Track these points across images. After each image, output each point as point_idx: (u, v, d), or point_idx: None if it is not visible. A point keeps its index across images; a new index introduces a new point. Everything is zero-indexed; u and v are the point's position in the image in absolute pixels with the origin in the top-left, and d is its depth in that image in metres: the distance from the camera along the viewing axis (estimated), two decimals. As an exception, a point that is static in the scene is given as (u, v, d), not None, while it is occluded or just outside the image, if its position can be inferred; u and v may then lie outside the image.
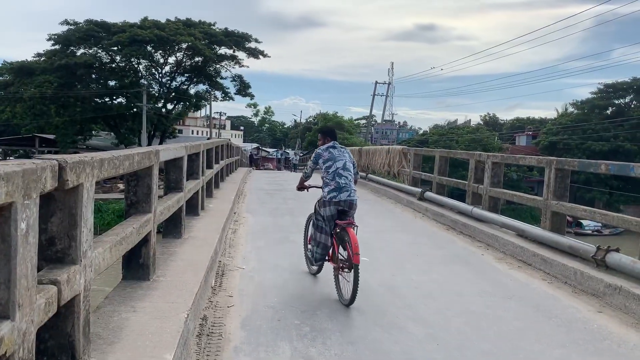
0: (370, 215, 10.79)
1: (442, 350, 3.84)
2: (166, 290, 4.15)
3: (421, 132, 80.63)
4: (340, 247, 5.14)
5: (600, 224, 36.93)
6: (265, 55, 43.72)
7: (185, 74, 43.10)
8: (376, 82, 68.34)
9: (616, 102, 54.21)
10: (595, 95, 55.17)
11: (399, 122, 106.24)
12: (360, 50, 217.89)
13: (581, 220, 36.63)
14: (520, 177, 47.37)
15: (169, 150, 5.62)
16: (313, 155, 5.63)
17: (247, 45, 42.65)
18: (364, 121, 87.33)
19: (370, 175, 18.12)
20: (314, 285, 5.42)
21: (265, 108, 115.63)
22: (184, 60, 41.66)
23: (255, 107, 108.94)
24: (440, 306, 4.89)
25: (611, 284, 5.14)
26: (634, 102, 53.24)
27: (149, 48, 39.02)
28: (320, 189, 5.52)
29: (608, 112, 53.32)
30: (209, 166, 10.23)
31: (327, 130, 5.75)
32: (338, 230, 5.24)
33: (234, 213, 10.09)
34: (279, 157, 68.32)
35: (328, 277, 5.71)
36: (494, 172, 9.09)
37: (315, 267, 5.68)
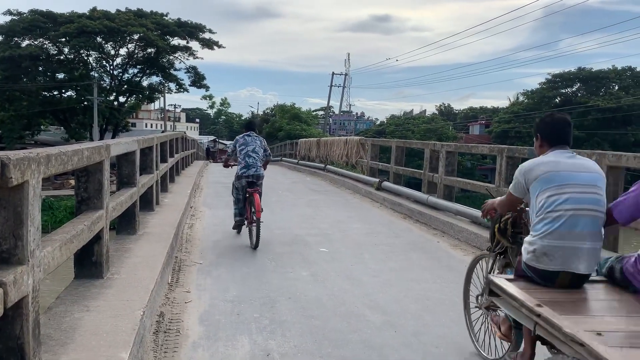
0: (329, 206, 10.87)
1: (399, 336, 3.90)
2: (121, 288, 4.06)
3: (378, 122, 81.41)
4: (250, 207, 6.95)
5: (550, 209, 38.24)
6: (220, 46, 43.10)
7: (138, 66, 42.00)
8: (333, 73, 68.35)
9: (564, 91, 56.16)
10: (544, 85, 57.01)
11: (357, 113, 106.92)
12: (316, 41, 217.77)
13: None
14: (474, 165, 48.58)
15: (121, 144, 5.48)
16: (234, 141, 7.60)
17: (201, 36, 41.91)
18: (321, 112, 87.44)
19: (328, 166, 18.20)
20: (274, 278, 5.41)
21: (222, 100, 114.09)
22: (136, 51, 40.59)
23: (211, 99, 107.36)
24: (398, 293, 4.97)
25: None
26: (580, 92, 55.28)
27: (98, 39, 37.81)
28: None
29: (557, 100, 55.19)
30: (164, 160, 10.05)
31: (246, 124, 7.90)
32: (248, 196, 7.09)
33: (191, 207, 9.95)
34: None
35: (287, 271, 5.72)
36: (448, 161, 9.28)
37: (235, 227, 7.49)
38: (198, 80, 44.49)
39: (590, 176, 2.89)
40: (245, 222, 7.17)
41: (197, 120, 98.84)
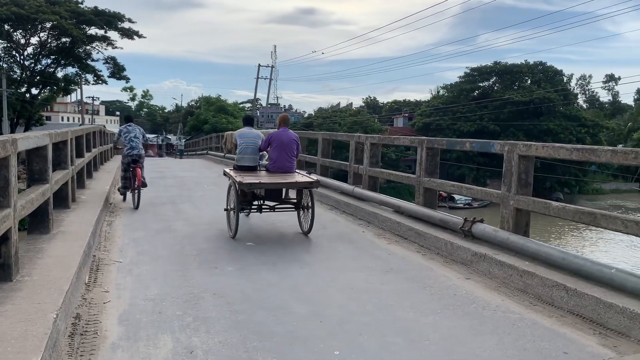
0: (256, 200, 10.77)
1: (325, 326, 3.94)
2: (32, 290, 3.83)
3: (306, 115, 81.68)
4: (134, 179, 9.38)
5: (470, 198, 40.13)
6: (140, 36, 41.55)
7: (52, 56, 39.69)
8: (259, 65, 67.79)
9: (481, 84, 58.78)
10: (463, 79, 59.39)
11: (285, 106, 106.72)
12: (242, 33, 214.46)
13: (454, 195, 39.51)
14: (398, 157, 49.91)
15: (30, 138, 5.14)
16: (118, 131, 10.09)
17: (120, 26, 40.20)
18: (248, 105, 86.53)
19: (255, 160, 18.02)
20: (198, 274, 5.30)
21: (143, 92, 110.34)
22: (49, 40, 38.34)
23: (131, 91, 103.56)
24: (324, 284, 5.02)
25: (477, 252, 5.60)
26: (496, 85, 58.08)
27: (6, 27, 35.32)
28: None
29: (475, 94, 57.68)
30: (80, 155, 9.57)
31: (126, 117, 10.75)
32: (131, 170, 9.43)
33: (110, 204, 9.55)
34: (160, 143, 65.60)
35: (212, 266, 5.63)
36: (372, 153, 9.45)
37: (122, 194, 9.94)
38: (118, 71, 42.71)
39: (254, 134, 8.08)
40: (130, 190, 9.60)
41: (118, 113, 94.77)
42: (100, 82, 43.25)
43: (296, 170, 7.82)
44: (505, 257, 5.30)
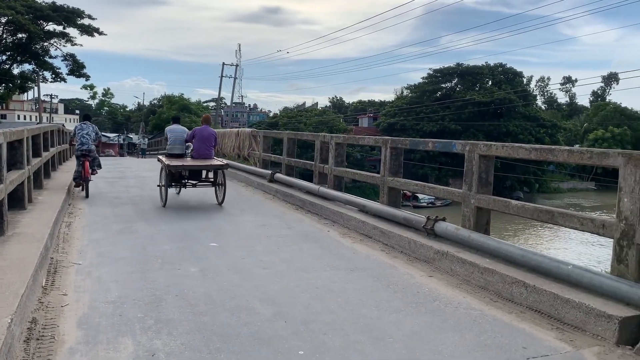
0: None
1: (289, 326, 3.93)
2: (-16, 295, 3.69)
3: (272, 114, 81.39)
4: (83, 171, 10.38)
5: (433, 197, 40.76)
6: (101, 33, 40.63)
7: (7, 52, 38.34)
8: (223, 64, 66.93)
9: (444, 85, 59.77)
10: (426, 80, 60.25)
11: (249, 105, 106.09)
12: (206, 31, 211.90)
13: (417, 194, 40.04)
14: (363, 156, 50.27)
15: (-18, 137, 4.95)
16: (74, 128, 11.28)
17: (79, 22, 39.26)
18: (212, 104, 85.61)
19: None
20: (160, 275, 5.21)
21: (104, 90, 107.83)
22: (4, 36, 37.02)
23: (92, 89, 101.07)
24: (289, 284, 5.00)
25: (439, 250, 5.68)
26: (458, 86, 59.15)
27: (-43, 21, 33.99)
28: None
29: (438, 94, 58.60)
30: (37, 154, 9.27)
31: (84, 115, 11.49)
32: (81, 163, 10.43)
33: (69, 204, 9.29)
34: (122, 142, 64.22)
35: (175, 268, 5.54)
36: (337, 152, 9.49)
37: (77, 184, 10.64)
38: (77, 68, 41.67)
39: (181, 129, 10.58)
40: (81, 180, 10.56)
41: (77, 111, 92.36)
42: (58, 79, 42.14)
43: (214, 157, 10.44)
44: (466, 254, 5.40)
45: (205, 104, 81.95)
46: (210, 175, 10.34)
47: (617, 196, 4.16)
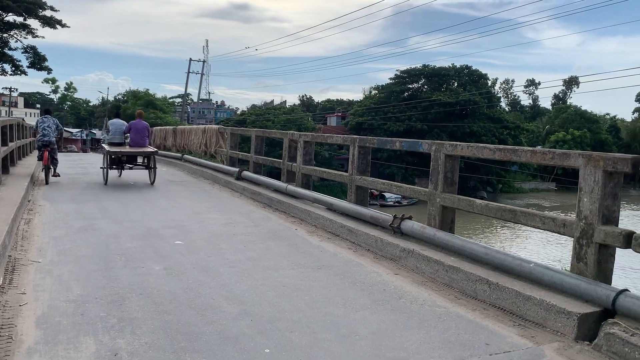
0: (186, 197, 10.55)
1: (255, 325, 3.90)
2: (-64, 294, 3.54)
3: (239, 111, 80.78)
4: (43, 160, 11.66)
5: (399, 196, 41.19)
6: (64, 26, 39.54)
7: (-37, 43, 36.95)
8: (190, 60, 66.08)
9: (411, 86, 60.46)
10: (393, 80, 60.83)
11: (217, 102, 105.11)
12: (173, 26, 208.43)
13: (384, 193, 40.40)
14: (331, 155, 50.40)
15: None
16: (35, 121, 12.34)
17: (41, 13, 38.03)
18: (179, 100, 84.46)
19: (186, 156, 17.64)
20: (123, 274, 5.10)
21: (67, 84, 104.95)
22: (-40, 26, 35.65)
23: (53, 83, 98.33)
24: (255, 282, 4.97)
25: (405, 248, 5.74)
26: (425, 87, 59.93)
27: None
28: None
29: (405, 95, 59.24)
30: (-5, 149, 8.96)
31: (44, 110, 12.85)
32: (41, 152, 11.68)
33: (28, 201, 9.01)
34: (85, 137, 62.66)
35: (139, 266, 5.44)
36: (305, 151, 9.48)
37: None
38: (38, 61, 40.42)
39: (121, 122, 12.91)
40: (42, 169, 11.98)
41: (38, 106, 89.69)
42: (18, 72, 40.78)
43: (148, 146, 12.82)
44: (432, 252, 5.47)
45: (171, 100, 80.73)
46: (147, 162, 12.92)
47: (577, 196, 4.28)
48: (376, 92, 64.99)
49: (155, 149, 12.90)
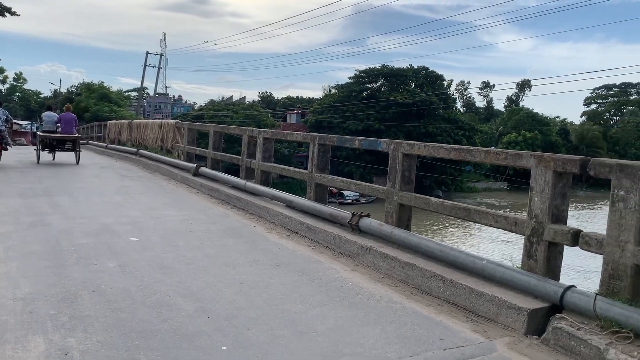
0: (142, 193, 10.33)
1: (212, 322, 3.87)
2: None
3: (197, 106, 79.57)
4: None
5: (358, 194, 41.56)
6: (13, 14, 37.88)
7: None
8: (147, 53, 64.62)
9: (370, 86, 61.01)
10: (353, 79, 61.23)
11: (174, 96, 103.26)
12: (130, 18, 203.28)
13: (343, 191, 40.66)
14: (291, 152, 50.32)
15: None
16: None
17: (-12, 0, 36.31)
18: (135, 93, 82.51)
19: (141, 151, 17.24)
20: (75, 271, 4.95)
21: (16, 74, 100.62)
22: None
23: (2, 73, 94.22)
24: (213, 279, 4.92)
25: (363, 245, 5.80)
26: (383, 87, 60.59)
27: None
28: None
29: (364, 94, 59.73)
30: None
31: None
32: None
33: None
34: (35, 130, 60.23)
35: (91, 263, 5.30)
36: (265, 147, 9.43)
37: None
38: (-15, 49, 38.54)
39: (53, 114, 16.24)
40: None
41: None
42: (-38, 60, 38.80)
43: (75, 133, 15.81)
44: (389, 249, 5.55)
45: (126, 93, 78.69)
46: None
47: (529, 195, 4.42)
48: (336, 90, 65.24)
49: (79, 135, 16.52)
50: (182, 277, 4.93)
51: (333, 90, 66.62)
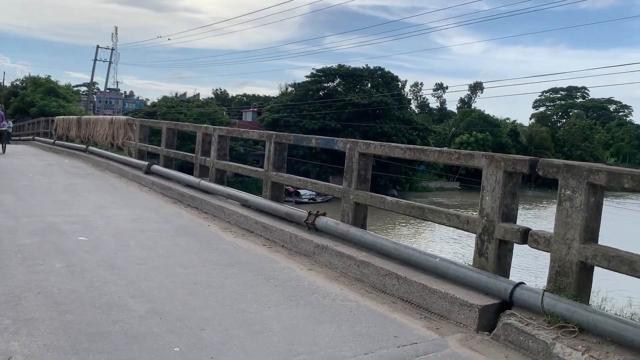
0: (91, 191, 10.01)
1: (164, 323, 3.78)
2: None
3: (150, 103, 77.81)
4: None
5: (314, 193, 41.64)
6: (-48, 2, 35.98)
7: None
8: (98, 47, 62.62)
9: (326, 85, 61.23)
10: (309, 78, 61.29)
11: (125, 92, 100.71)
12: (79, 10, 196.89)
13: (299, 190, 40.66)
14: (246, 150, 49.92)
15: None
16: None
17: None
18: (84, 88, 79.98)
19: (91, 148, 16.71)
20: (19, 272, 4.74)
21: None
22: None
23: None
24: (165, 280, 4.81)
25: (319, 244, 5.81)
26: (340, 86, 60.92)
27: None
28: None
29: (320, 93, 59.89)
30: None
31: None
32: None
33: None
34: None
35: (37, 263, 5.09)
36: (220, 145, 9.31)
37: None
38: None
39: None
40: None
41: None
42: None
43: (2, 125, 17.77)
44: (344, 248, 5.58)
45: (76, 88, 76.10)
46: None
47: (480, 194, 4.53)
48: (293, 89, 65.13)
49: (9, 126, 19.57)
50: (133, 278, 4.80)
51: (290, 89, 66.47)
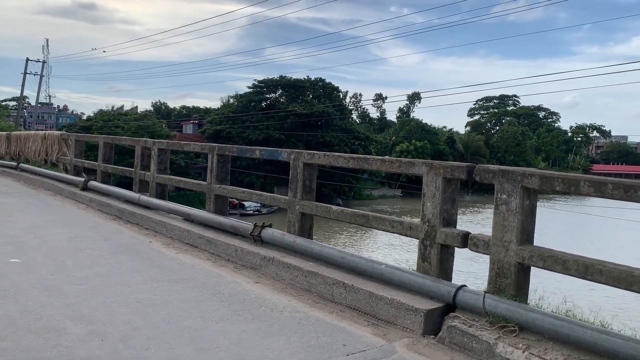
0: (24, 210, 9.52)
1: (106, 345, 3.64)
2: None
3: (85, 117, 75.10)
4: None
5: (259, 204, 41.34)
6: None
7: None
8: (28, 59, 60.08)
9: (269, 96, 61.23)
10: (251, 89, 61.12)
11: (59, 106, 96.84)
12: (8, 22, 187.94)
13: (244, 202, 40.27)
14: (188, 164, 49.03)
15: None
16: None
17: None
18: (13, 103, 76.26)
19: (22, 165, 15.90)
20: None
21: None
22: None
23: None
24: (106, 300, 4.63)
25: (266, 256, 5.77)
26: (282, 97, 61.07)
27: None
28: None
29: (263, 105, 59.79)
30: None
31: None
32: None
33: None
34: None
35: (-36, 287, 4.78)
36: (160, 159, 9.09)
37: None
38: None
39: None
40: None
41: None
42: None
43: None
44: (292, 259, 5.56)
45: (4, 103, 72.51)
46: None
47: (422, 201, 4.65)
48: (234, 100, 64.69)
49: None
50: (71, 299, 4.59)
51: (232, 100, 65.97)
